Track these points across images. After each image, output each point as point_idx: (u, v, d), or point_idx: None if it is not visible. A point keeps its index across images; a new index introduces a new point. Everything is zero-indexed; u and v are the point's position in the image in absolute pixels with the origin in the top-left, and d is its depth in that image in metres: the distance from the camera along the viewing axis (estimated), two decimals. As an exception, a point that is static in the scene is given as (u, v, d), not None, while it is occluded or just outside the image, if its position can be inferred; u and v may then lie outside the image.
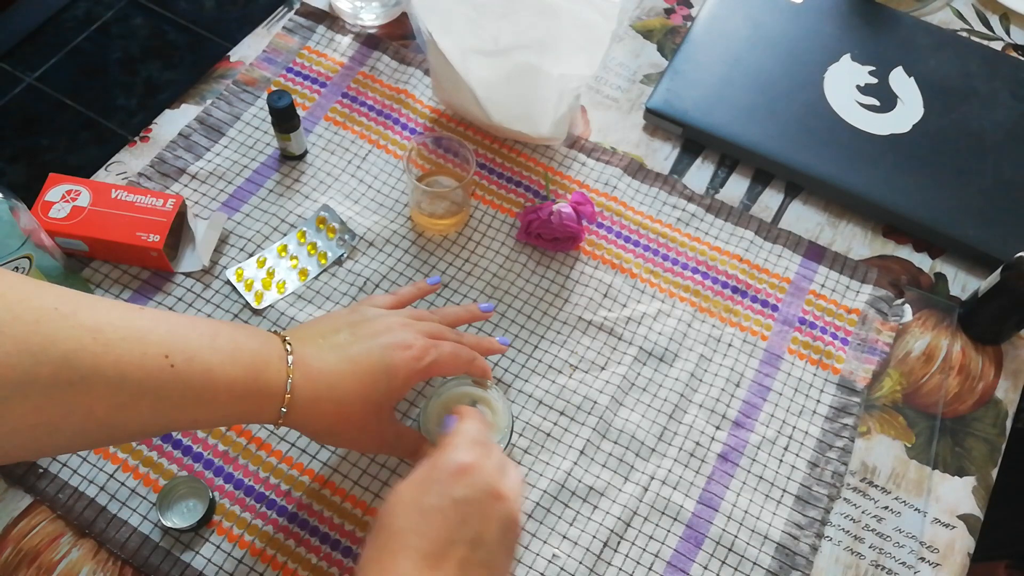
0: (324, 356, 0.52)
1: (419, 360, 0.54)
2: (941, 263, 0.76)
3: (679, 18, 0.90)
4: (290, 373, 0.50)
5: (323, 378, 0.51)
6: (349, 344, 0.53)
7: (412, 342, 0.54)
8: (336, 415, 0.52)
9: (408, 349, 0.54)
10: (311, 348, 0.52)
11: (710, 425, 0.66)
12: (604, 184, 0.78)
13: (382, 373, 0.53)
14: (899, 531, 0.63)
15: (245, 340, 0.50)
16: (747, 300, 0.72)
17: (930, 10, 0.91)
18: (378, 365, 0.53)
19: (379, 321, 0.56)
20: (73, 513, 0.60)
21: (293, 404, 0.50)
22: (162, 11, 1.97)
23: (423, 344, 0.55)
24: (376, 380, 0.52)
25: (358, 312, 0.57)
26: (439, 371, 0.56)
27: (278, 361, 0.50)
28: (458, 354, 0.57)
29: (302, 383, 0.50)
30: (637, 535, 0.62)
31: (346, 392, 0.52)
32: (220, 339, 0.49)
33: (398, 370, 0.53)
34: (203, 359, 0.47)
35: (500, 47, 0.72)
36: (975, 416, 0.68)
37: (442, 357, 0.56)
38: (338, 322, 0.56)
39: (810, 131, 0.79)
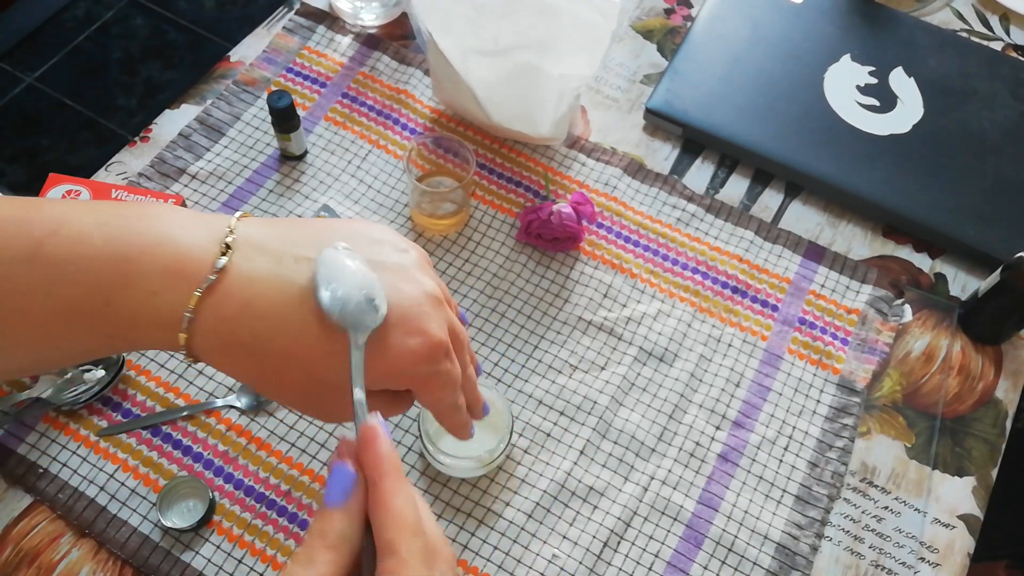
0: (264, 286, 0.37)
1: (421, 360, 0.39)
2: (941, 263, 0.76)
3: (679, 18, 0.90)
4: (195, 303, 0.36)
5: (248, 323, 0.36)
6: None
7: (428, 330, 0.39)
8: (263, 373, 0.38)
9: (415, 336, 0.38)
10: (252, 268, 0.37)
11: (710, 425, 0.66)
12: (604, 184, 0.78)
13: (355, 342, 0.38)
14: (899, 531, 0.63)
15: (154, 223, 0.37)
16: (747, 300, 0.72)
17: (930, 10, 0.91)
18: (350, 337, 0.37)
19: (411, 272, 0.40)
20: (73, 513, 0.60)
21: (193, 343, 0.37)
22: (162, 11, 1.97)
23: (439, 341, 0.39)
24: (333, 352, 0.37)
25: (399, 249, 0.41)
26: (427, 390, 0.41)
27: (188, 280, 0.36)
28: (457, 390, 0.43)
29: (213, 325, 0.36)
30: (637, 535, 0.62)
31: (275, 352, 0.37)
32: (122, 213, 0.37)
33: (389, 357, 0.38)
34: (75, 230, 0.36)
35: (500, 47, 0.72)
36: (975, 416, 0.68)
37: (447, 378, 0.41)
38: (353, 234, 0.40)
39: (810, 131, 0.79)
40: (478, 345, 0.69)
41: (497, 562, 0.60)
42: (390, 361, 0.38)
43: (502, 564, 0.60)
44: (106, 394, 0.64)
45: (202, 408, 0.65)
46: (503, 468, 0.64)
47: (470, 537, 0.61)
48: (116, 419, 0.64)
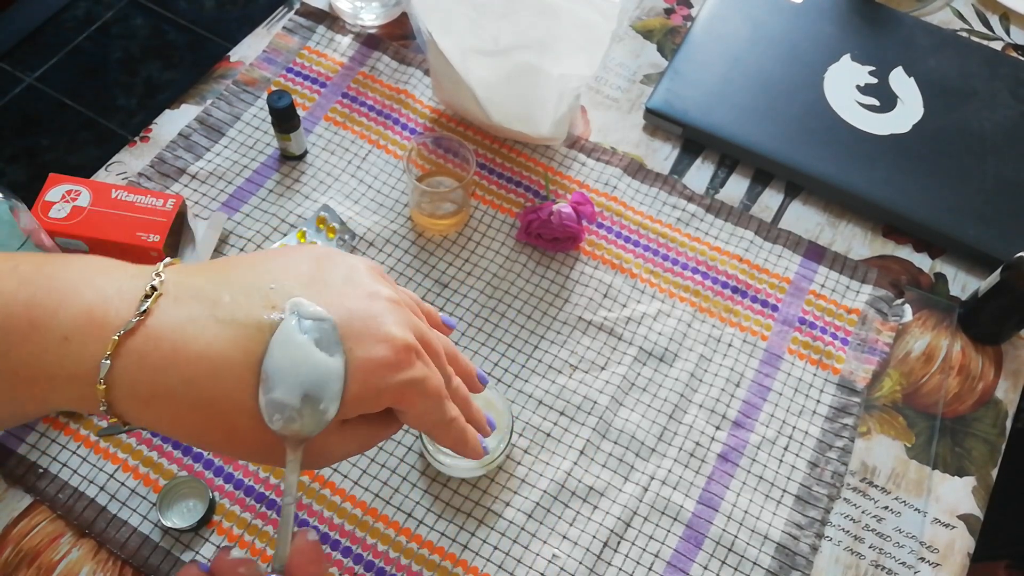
0: (200, 331, 0.33)
1: (390, 370, 0.35)
2: (941, 263, 0.76)
3: (679, 18, 0.90)
4: (112, 348, 0.32)
5: (180, 370, 0.33)
6: (268, 322, 0.34)
7: (390, 335, 0.35)
8: (205, 428, 0.34)
9: (380, 345, 0.35)
10: (186, 313, 0.33)
11: (710, 425, 0.66)
12: (604, 184, 0.78)
13: None
14: (899, 531, 0.63)
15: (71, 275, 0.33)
16: (747, 300, 0.72)
17: (930, 10, 0.91)
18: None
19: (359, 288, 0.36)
20: (73, 513, 0.60)
21: (114, 398, 0.33)
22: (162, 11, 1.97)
23: (405, 344, 0.36)
24: None
25: (336, 265, 0.37)
26: (408, 404, 0.37)
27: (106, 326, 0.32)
28: (443, 398, 0.39)
29: (135, 373, 0.32)
30: (637, 535, 0.62)
31: (219, 399, 0.33)
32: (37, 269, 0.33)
33: (355, 379, 0.34)
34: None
35: (500, 47, 0.72)
36: (975, 416, 0.68)
37: (425, 385, 0.37)
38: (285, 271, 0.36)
39: (810, 131, 0.79)
40: (478, 345, 0.69)
41: (497, 562, 0.60)
42: (357, 382, 0.34)
43: (502, 564, 0.60)
44: (106, 394, 0.64)
45: (202, 408, 0.64)
46: (503, 468, 0.64)
47: (470, 537, 0.61)
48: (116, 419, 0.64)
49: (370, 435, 0.38)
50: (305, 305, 0.34)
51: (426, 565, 0.60)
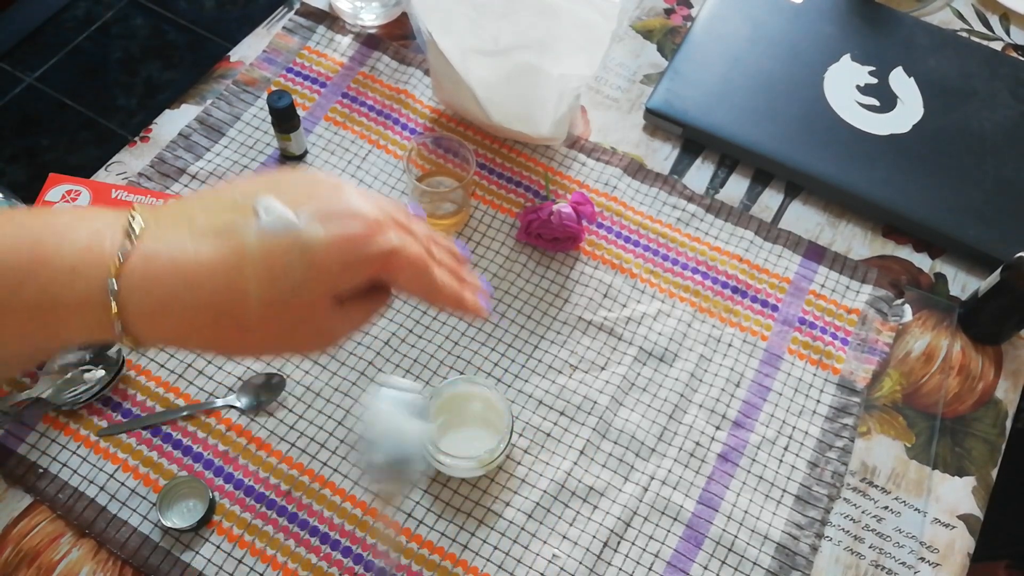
0: (187, 243, 0.36)
1: (367, 240, 0.37)
2: (941, 263, 0.76)
3: (679, 18, 0.90)
4: (115, 272, 0.34)
5: (180, 275, 0.35)
6: (244, 221, 0.36)
7: (361, 211, 0.37)
8: (217, 326, 0.37)
9: (352, 220, 0.37)
10: (171, 232, 0.36)
11: (710, 425, 0.66)
12: (604, 184, 0.78)
13: (296, 258, 0.36)
14: (899, 531, 0.63)
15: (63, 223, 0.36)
16: (747, 300, 0.72)
17: (930, 10, 0.91)
18: (288, 247, 0.36)
19: (321, 185, 0.38)
20: (73, 513, 0.60)
21: (128, 316, 0.35)
22: (162, 11, 1.97)
23: (377, 218, 0.38)
24: (281, 271, 0.36)
25: (290, 176, 0.40)
26: (396, 271, 0.39)
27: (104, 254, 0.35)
28: (428, 262, 0.41)
29: (143, 285, 0.35)
30: (637, 535, 0.62)
31: (220, 292, 0.36)
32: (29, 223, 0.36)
33: (325, 253, 0.36)
34: None
35: (500, 47, 0.72)
36: (975, 416, 0.68)
37: (406, 251, 0.39)
38: (247, 184, 0.38)
39: (810, 131, 0.79)
40: (478, 345, 0.69)
41: (497, 562, 0.60)
42: (338, 256, 0.37)
43: (502, 564, 0.60)
44: (106, 394, 0.64)
45: (202, 408, 0.65)
46: (503, 468, 0.64)
47: (470, 537, 0.61)
48: (116, 419, 0.64)
49: (365, 311, 0.41)
50: (273, 201, 0.36)
51: (426, 565, 0.60)
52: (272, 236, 0.36)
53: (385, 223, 0.38)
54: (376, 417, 0.40)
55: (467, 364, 0.68)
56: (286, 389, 0.66)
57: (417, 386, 0.38)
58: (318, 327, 0.39)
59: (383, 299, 0.42)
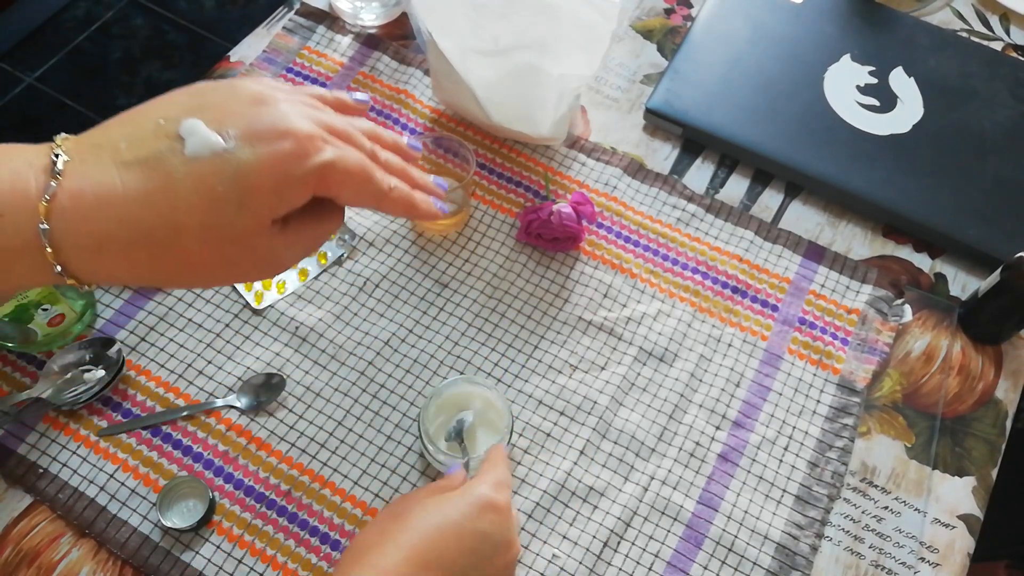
0: (114, 177, 0.34)
1: (300, 158, 0.36)
2: (941, 263, 0.76)
3: (679, 18, 0.90)
4: (45, 214, 0.34)
5: (110, 212, 0.34)
6: (169, 148, 0.35)
7: (291, 128, 0.36)
8: (157, 260, 0.36)
9: (282, 139, 0.36)
10: (95, 167, 0.35)
11: (710, 425, 0.66)
12: (604, 184, 0.78)
13: (228, 185, 0.35)
14: (899, 531, 0.63)
15: None
16: (747, 300, 0.72)
17: (930, 10, 0.91)
18: (218, 173, 0.35)
19: (244, 98, 0.37)
20: (73, 513, 0.60)
21: (65, 258, 0.35)
22: (162, 11, 1.97)
23: (309, 133, 0.37)
24: (215, 199, 0.35)
25: (213, 88, 0.38)
26: (336, 185, 0.38)
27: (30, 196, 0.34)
28: (369, 170, 0.39)
29: (74, 224, 0.34)
30: (637, 535, 0.62)
31: (156, 227, 0.35)
32: None
33: (257, 176, 0.35)
34: None
35: (500, 47, 0.72)
36: (975, 416, 0.68)
37: (344, 163, 0.37)
38: (170, 105, 0.37)
39: (810, 131, 0.79)
40: (478, 345, 0.69)
41: (497, 562, 0.60)
42: (271, 178, 0.35)
43: (502, 564, 0.60)
44: (106, 394, 0.64)
45: (202, 408, 0.65)
46: (503, 468, 0.64)
47: (470, 537, 0.61)
48: (116, 419, 0.64)
49: (314, 232, 0.40)
50: (197, 124, 0.35)
51: (426, 565, 0.60)
52: (200, 164, 0.35)
53: (316, 136, 0.37)
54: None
55: (467, 364, 0.68)
56: (286, 389, 0.66)
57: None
58: (263, 254, 0.38)
59: (334, 217, 0.41)
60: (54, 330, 0.65)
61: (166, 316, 0.68)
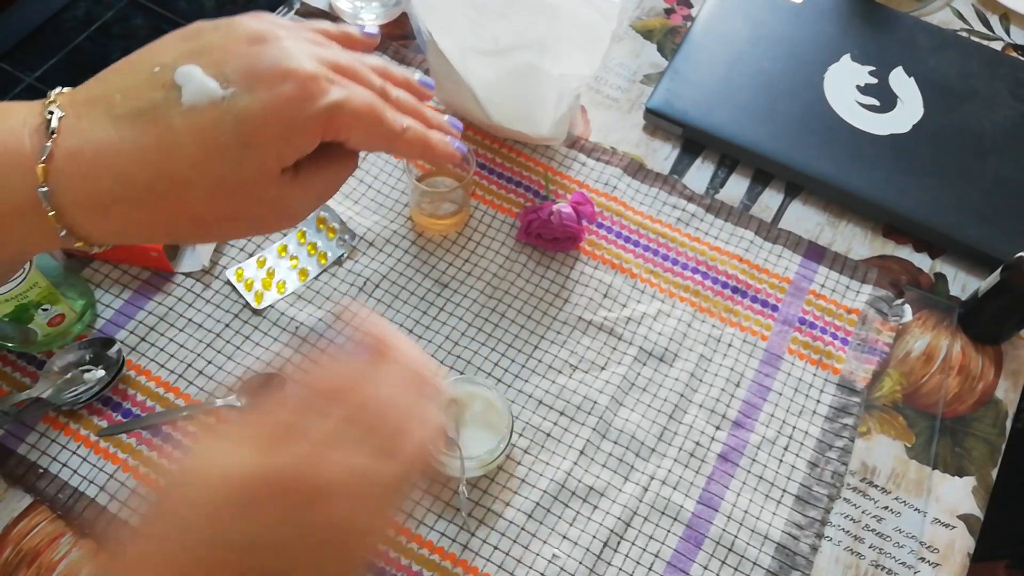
0: (110, 132, 0.33)
1: (304, 101, 0.34)
2: (941, 263, 0.76)
3: (679, 18, 0.90)
4: (43, 176, 0.32)
5: (109, 170, 0.33)
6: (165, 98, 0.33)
7: (293, 68, 0.34)
8: (164, 216, 0.34)
9: (283, 81, 0.33)
10: (91, 123, 0.33)
11: (710, 425, 0.66)
12: (604, 184, 0.78)
13: (229, 134, 0.33)
14: (899, 531, 0.63)
15: None
16: (747, 300, 0.72)
17: (930, 10, 0.91)
18: (218, 123, 0.33)
19: (242, 36, 0.34)
20: (73, 513, 0.60)
21: (70, 219, 0.33)
22: (162, 11, 1.97)
23: (312, 73, 0.34)
24: (216, 150, 0.33)
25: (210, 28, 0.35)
26: (345, 129, 0.36)
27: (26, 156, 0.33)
28: (379, 110, 0.37)
29: (73, 184, 0.33)
30: (637, 535, 0.62)
31: (158, 181, 0.33)
32: None
33: (260, 123, 0.33)
34: None
35: (500, 47, 0.72)
36: (975, 416, 0.68)
37: (351, 104, 0.35)
38: (165, 50, 0.35)
39: (810, 131, 0.79)
40: (478, 345, 0.69)
41: (497, 562, 0.60)
42: (275, 124, 0.33)
43: (502, 564, 0.60)
44: (106, 394, 0.64)
45: (202, 408, 0.65)
46: (503, 468, 0.64)
47: (470, 537, 0.61)
48: (116, 419, 0.64)
49: (328, 178, 0.38)
50: (193, 70, 0.33)
51: (426, 565, 0.60)
52: (198, 113, 0.33)
53: (321, 75, 0.34)
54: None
55: (467, 364, 0.68)
56: (286, 389, 0.66)
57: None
58: (274, 204, 0.36)
59: (348, 161, 0.39)
60: (54, 330, 0.65)
61: (166, 316, 0.68)
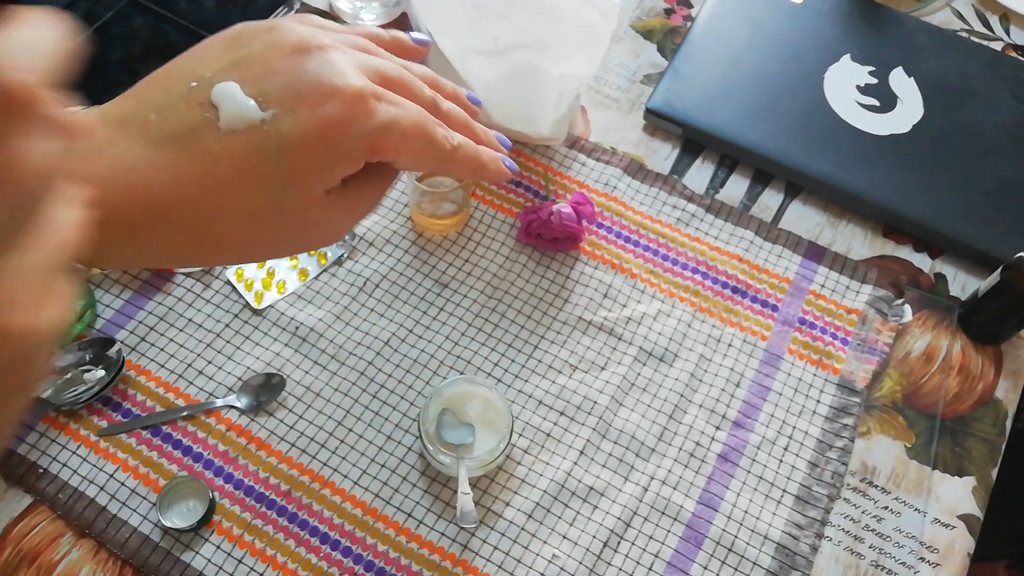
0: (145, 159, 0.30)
1: (349, 124, 0.31)
2: (941, 263, 0.76)
3: (679, 18, 0.90)
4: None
5: (143, 202, 0.30)
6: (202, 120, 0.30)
7: (338, 85, 0.31)
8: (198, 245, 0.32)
9: (327, 101, 0.31)
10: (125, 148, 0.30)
11: (710, 425, 0.66)
12: (604, 184, 0.78)
13: (271, 164, 0.31)
14: (899, 531, 0.63)
15: None
16: (747, 300, 0.72)
17: (930, 10, 0.91)
18: (258, 151, 0.30)
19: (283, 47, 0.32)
20: (73, 513, 0.60)
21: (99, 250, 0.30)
22: (162, 11, 1.97)
23: (358, 91, 0.31)
24: (257, 179, 0.31)
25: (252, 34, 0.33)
26: (393, 151, 0.33)
27: None
28: (431, 129, 0.34)
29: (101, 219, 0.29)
30: (637, 535, 0.62)
31: (195, 214, 0.31)
32: None
33: (302, 149, 0.31)
34: None
35: (500, 47, 0.72)
36: (975, 416, 0.68)
37: (400, 125, 0.33)
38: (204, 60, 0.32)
39: (810, 131, 0.79)
40: (478, 345, 0.69)
41: (497, 562, 0.60)
42: (319, 148, 0.31)
43: (502, 564, 0.60)
44: (106, 394, 0.64)
45: (202, 408, 0.65)
46: (503, 468, 0.64)
47: (470, 537, 0.61)
48: (116, 419, 0.64)
49: (371, 195, 0.36)
50: (231, 88, 0.31)
51: (426, 565, 0.60)
52: (237, 139, 0.30)
53: (368, 93, 0.32)
54: None
55: (467, 364, 0.68)
56: (286, 389, 0.66)
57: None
58: (318, 227, 0.34)
59: (388, 176, 0.37)
60: (54, 330, 0.64)
61: (166, 316, 0.68)
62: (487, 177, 0.38)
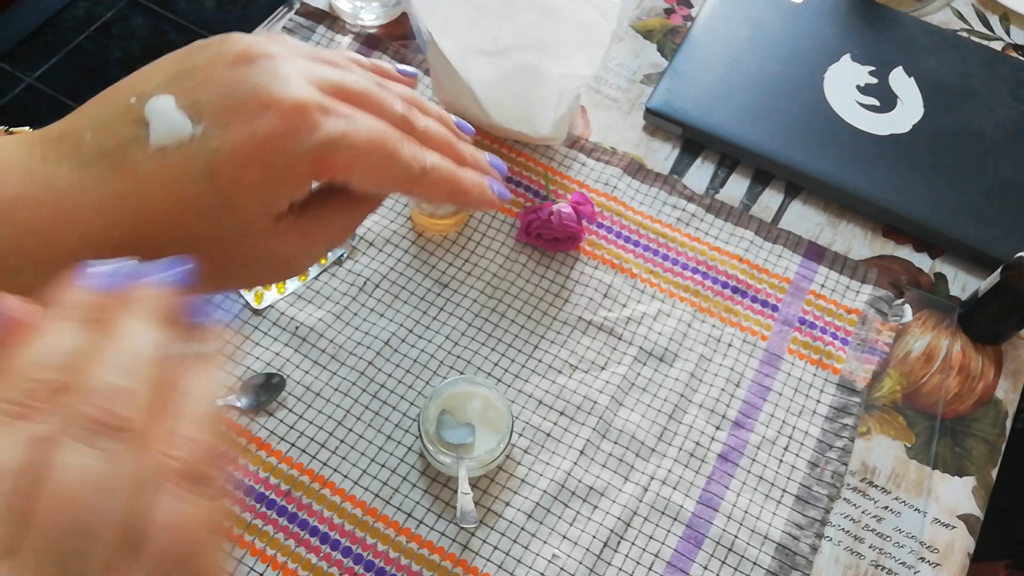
0: (72, 180, 0.27)
1: (285, 139, 0.27)
2: (941, 263, 0.76)
3: (679, 18, 0.90)
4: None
5: (70, 226, 0.27)
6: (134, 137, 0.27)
7: (276, 96, 0.27)
8: None
9: (261, 114, 0.27)
10: (56, 168, 0.28)
11: (710, 425, 0.66)
12: (604, 184, 0.78)
13: (201, 184, 0.27)
14: (899, 531, 0.63)
15: None
16: (747, 300, 0.72)
17: (930, 10, 0.91)
18: (186, 171, 0.27)
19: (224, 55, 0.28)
20: (73, 513, 0.60)
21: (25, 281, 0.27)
22: (162, 11, 1.97)
23: (298, 101, 0.27)
24: (188, 201, 0.27)
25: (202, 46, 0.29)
26: (342, 170, 0.29)
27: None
28: (392, 145, 0.30)
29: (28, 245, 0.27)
30: (637, 535, 0.62)
31: (125, 241, 0.28)
32: None
33: (233, 169, 0.27)
34: None
35: (500, 47, 0.72)
36: (975, 416, 0.68)
37: (353, 139, 0.28)
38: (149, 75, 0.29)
39: (810, 131, 0.79)
40: (478, 345, 0.69)
41: (497, 562, 0.60)
42: (250, 168, 0.27)
43: (502, 564, 0.60)
44: (106, 394, 0.64)
45: (202, 408, 0.65)
46: (503, 468, 0.64)
47: (470, 537, 0.61)
48: (116, 419, 0.64)
49: (340, 223, 0.32)
50: (165, 102, 0.27)
51: (426, 565, 0.60)
52: (165, 158, 0.27)
53: (311, 105, 0.27)
54: None
55: (467, 364, 0.68)
56: (286, 389, 0.66)
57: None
58: (269, 256, 0.30)
59: (364, 199, 0.32)
60: (54, 330, 0.64)
61: (166, 316, 0.68)
62: (469, 204, 0.33)
